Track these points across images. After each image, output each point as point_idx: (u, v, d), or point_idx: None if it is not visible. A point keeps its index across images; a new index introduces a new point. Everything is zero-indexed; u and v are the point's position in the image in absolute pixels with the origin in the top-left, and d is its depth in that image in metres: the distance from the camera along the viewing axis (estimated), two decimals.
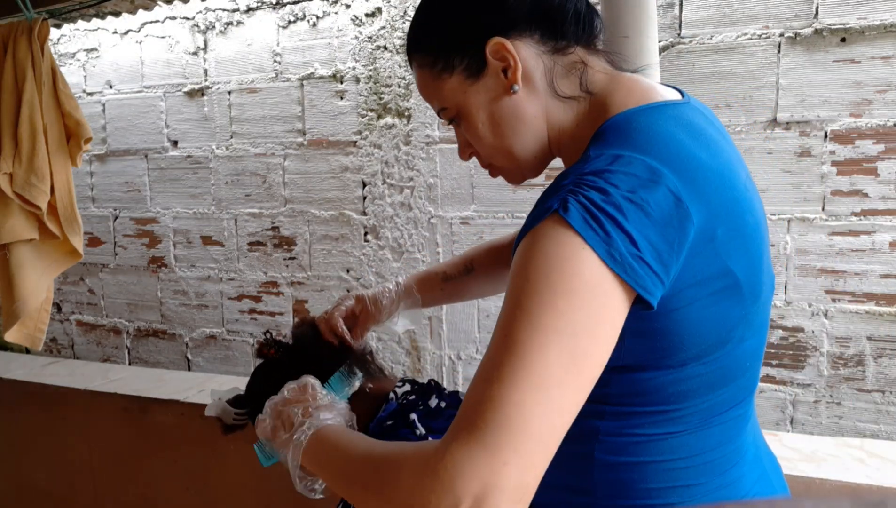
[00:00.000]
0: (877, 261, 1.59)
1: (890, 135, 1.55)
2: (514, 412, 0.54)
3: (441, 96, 0.76)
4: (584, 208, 0.59)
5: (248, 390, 1.07)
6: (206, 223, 2.38)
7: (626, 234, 0.58)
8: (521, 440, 0.54)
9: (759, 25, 1.63)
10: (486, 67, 0.72)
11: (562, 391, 0.56)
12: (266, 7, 2.17)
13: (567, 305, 0.57)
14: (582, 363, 0.57)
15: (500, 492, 0.53)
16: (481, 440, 0.54)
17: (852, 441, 1.33)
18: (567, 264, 0.58)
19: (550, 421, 0.56)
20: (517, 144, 0.75)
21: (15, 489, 2.11)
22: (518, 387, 0.55)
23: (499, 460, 0.53)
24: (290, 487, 0.80)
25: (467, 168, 1.98)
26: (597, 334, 0.58)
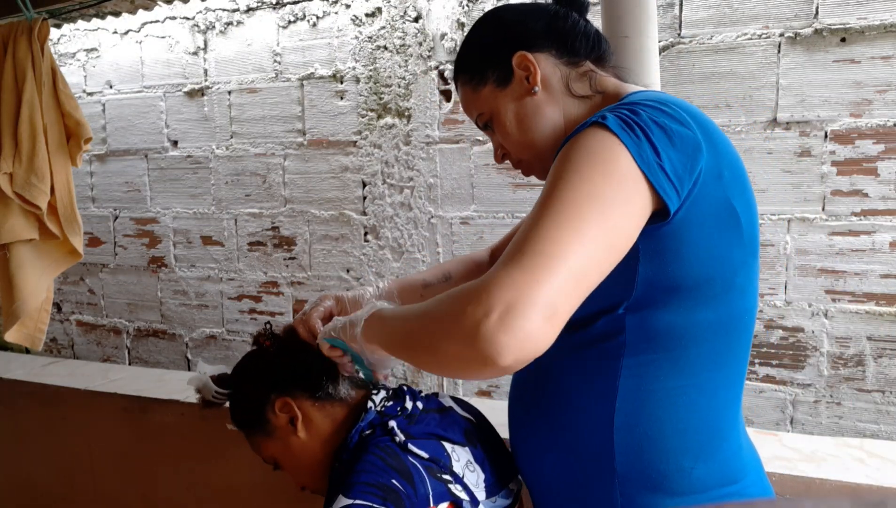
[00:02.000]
0: (877, 261, 1.59)
1: (890, 135, 1.55)
2: (551, 245, 0.61)
3: (478, 104, 0.91)
4: (620, 119, 0.69)
5: (234, 372, 1.07)
6: (206, 223, 2.38)
7: (652, 145, 0.67)
8: (555, 265, 0.60)
9: (759, 25, 1.63)
10: (513, 76, 0.86)
11: (595, 243, 0.63)
12: (266, 7, 2.17)
13: (604, 181, 0.65)
14: (613, 227, 0.64)
15: (530, 304, 0.58)
16: (519, 262, 0.61)
17: (852, 441, 1.33)
18: (605, 153, 0.67)
19: (583, 262, 0.62)
20: (538, 136, 0.87)
21: (15, 489, 2.11)
22: (558, 227, 0.62)
23: (533, 277, 0.59)
24: (290, 487, 0.79)
25: (467, 168, 1.98)
26: (626, 210, 0.66)
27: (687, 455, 0.74)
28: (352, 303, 1.12)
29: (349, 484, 0.83)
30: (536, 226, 0.63)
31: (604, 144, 0.67)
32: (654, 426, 0.75)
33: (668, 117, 0.71)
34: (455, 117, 1.97)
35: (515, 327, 0.57)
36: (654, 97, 0.76)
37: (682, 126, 0.71)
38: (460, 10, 1.92)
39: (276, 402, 0.99)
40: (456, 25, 1.93)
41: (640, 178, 0.66)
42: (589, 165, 0.66)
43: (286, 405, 0.99)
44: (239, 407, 1.05)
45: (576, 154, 0.68)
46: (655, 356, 0.74)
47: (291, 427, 0.99)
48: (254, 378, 1.03)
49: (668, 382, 0.75)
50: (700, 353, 0.75)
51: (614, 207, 0.65)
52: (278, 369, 1.01)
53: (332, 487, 0.89)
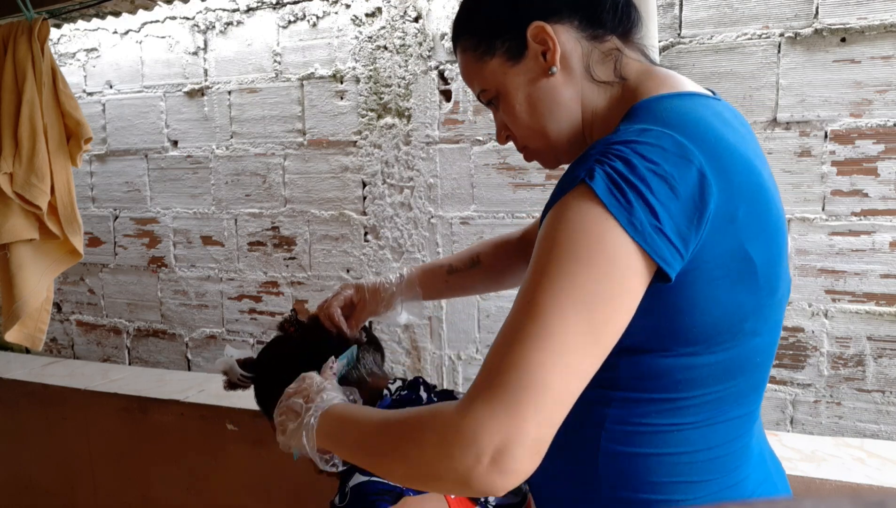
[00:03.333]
0: (877, 261, 1.59)
1: (890, 135, 1.55)
2: (534, 374, 0.57)
3: (482, 78, 0.78)
4: (609, 177, 0.61)
5: (259, 357, 1.11)
6: (206, 223, 2.38)
7: (648, 205, 0.60)
8: (540, 399, 0.57)
9: (759, 25, 1.63)
10: (527, 50, 0.75)
11: (579, 356, 0.59)
12: (266, 7, 2.17)
13: (588, 275, 0.59)
14: (600, 332, 0.60)
15: (519, 446, 0.56)
16: (502, 398, 0.57)
17: (852, 441, 1.33)
18: (590, 234, 0.60)
19: (568, 383, 0.59)
20: (552, 125, 0.77)
21: (15, 488, 2.11)
22: (538, 350, 0.57)
23: (519, 416, 0.56)
24: (290, 487, 0.80)
25: (467, 168, 1.98)
26: (616, 303, 0.60)
27: (678, 489, 0.70)
28: (371, 292, 1.10)
29: None
30: (517, 347, 0.58)
31: (588, 221, 0.60)
32: (641, 458, 0.70)
33: (670, 159, 0.62)
34: (455, 117, 1.97)
35: (507, 469, 0.56)
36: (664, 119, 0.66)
37: (688, 166, 0.62)
38: None
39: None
40: None
41: (634, 251, 0.60)
42: (571, 255, 0.60)
43: None
44: (263, 392, 1.08)
45: (558, 237, 0.61)
46: (650, 396, 0.69)
47: None
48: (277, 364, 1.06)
49: (659, 419, 0.70)
50: (700, 395, 0.69)
51: (602, 305, 0.59)
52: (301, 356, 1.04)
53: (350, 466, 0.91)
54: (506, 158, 1.92)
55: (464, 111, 1.96)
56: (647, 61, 0.79)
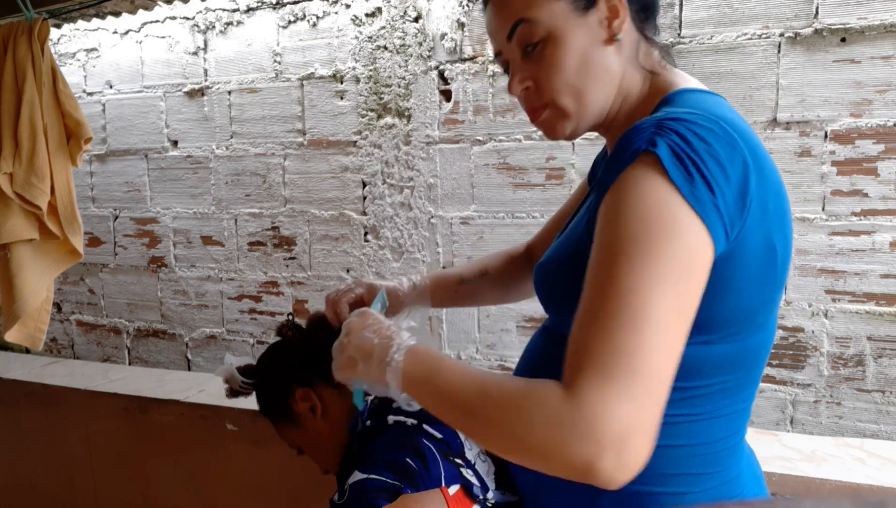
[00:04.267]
0: (877, 261, 1.59)
1: (890, 135, 1.55)
2: (641, 357, 0.56)
3: (537, 9, 0.73)
4: (671, 148, 0.61)
5: (259, 363, 1.11)
6: (206, 223, 2.38)
7: (707, 183, 0.61)
8: (651, 383, 0.57)
9: (759, 25, 1.63)
10: (594, 7, 0.73)
11: (674, 334, 0.59)
12: (266, 7, 2.17)
13: (666, 250, 0.59)
14: (686, 306, 0.60)
15: (640, 434, 0.56)
16: (615, 387, 0.56)
17: (852, 441, 1.33)
18: (661, 208, 0.60)
19: (669, 362, 0.59)
20: (592, 90, 0.75)
21: (15, 488, 2.11)
22: (639, 332, 0.57)
23: (635, 405, 0.56)
24: (290, 487, 0.80)
25: (467, 168, 1.98)
26: (695, 277, 0.61)
27: (683, 482, 0.71)
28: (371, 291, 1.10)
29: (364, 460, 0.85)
30: (617, 330, 0.57)
31: (656, 194, 0.60)
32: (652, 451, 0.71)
33: (721, 142, 0.63)
34: (455, 117, 1.97)
35: (630, 460, 0.56)
36: (704, 109, 0.68)
37: (735, 151, 0.63)
38: (460, 10, 1.92)
39: (298, 392, 1.02)
40: (456, 25, 1.93)
41: (699, 224, 0.60)
42: (646, 230, 0.59)
43: (307, 395, 1.02)
44: (264, 397, 1.09)
45: (629, 213, 0.60)
46: None
47: (312, 415, 1.03)
48: (277, 369, 1.07)
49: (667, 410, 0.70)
50: (705, 385, 0.70)
51: (685, 280, 0.59)
52: (300, 359, 1.04)
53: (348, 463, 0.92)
54: (506, 158, 1.92)
55: (464, 111, 1.96)
56: (666, 62, 0.82)
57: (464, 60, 1.94)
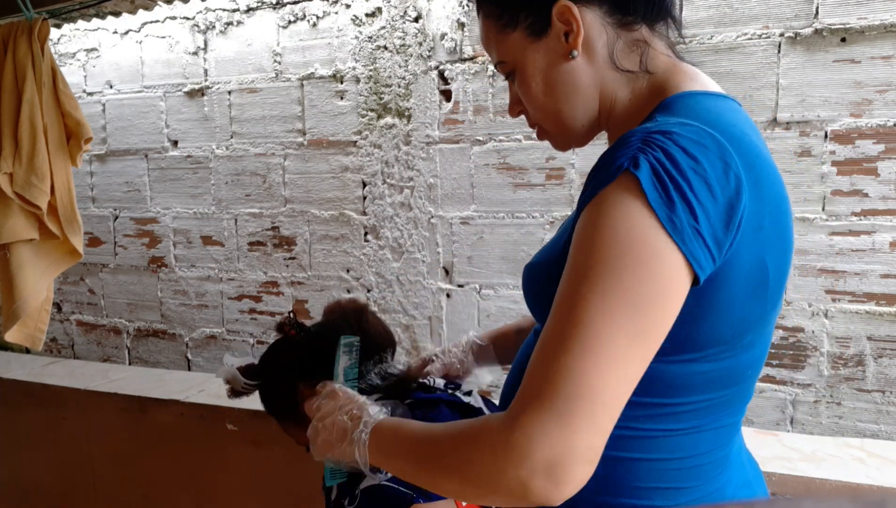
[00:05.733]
0: (877, 261, 1.59)
1: (890, 135, 1.55)
2: (584, 383, 0.56)
3: (501, 49, 0.76)
4: (653, 168, 0.59)
5: (261, 363, 1.10)
6: (206, 223, 2.38)
7: (688, 203, 0.58)
8: (590, 408, 0.56)
9: (759, 25, 1.63)
10: (550, 28, 0.72)
11: (628, 362, 0.58)
12: (266, 7, 2.17)
13: (634, 277, 0.58)
14: (648, 335, 0.59)
15: (572, 457, 0.56)
16: (552, 409, 0.56)
17: (852, 441, 1.33)
18: (633, 233, 0.58)
19: (617, 390, 0.58)
20: (567, 110, 0.75)
21: (15, 488, 2.11)
22: (586, 357, 0.56)
23: (570, 428, 0.56)
24: (290, 487, 0.80)
25: (467, 168, 1.98)
26: (663, 306, 0.59)
27: (659, 495, 0.70)
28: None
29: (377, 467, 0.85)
30: (564, 354, 0.57)
31: (631, 219, 0.58)
32: (628, 463, 0.70)
33: (711, 158, 0.60)
34: (455, 117, 1.97)
35: (562, 480, 0.56)
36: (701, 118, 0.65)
37: (727, 168, 0.60)
38: (460, 10, 1.92)
39: (303, 392, 1.01)
40: (456, 25, 1.93)
41: (675, 251, 0.58)
42: (615, 256, 0.58)
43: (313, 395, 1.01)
44: (269, 397, 1.08)
45: (600, 236, 0.59)
46: (643, 400, 0.67)
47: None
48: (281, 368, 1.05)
49: (650, 424, 0.69)
50: (693, 402, 0.69)
51: (649, 308, 0.58)
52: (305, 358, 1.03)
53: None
54: (506, 158, 1.92)
55: (464, 111, 1.96)
56: (674, 55, 0.78)
57: (464, 60, 1.94)
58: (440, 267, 2.04)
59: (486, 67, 1.91)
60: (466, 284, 2.02)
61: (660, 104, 0.71)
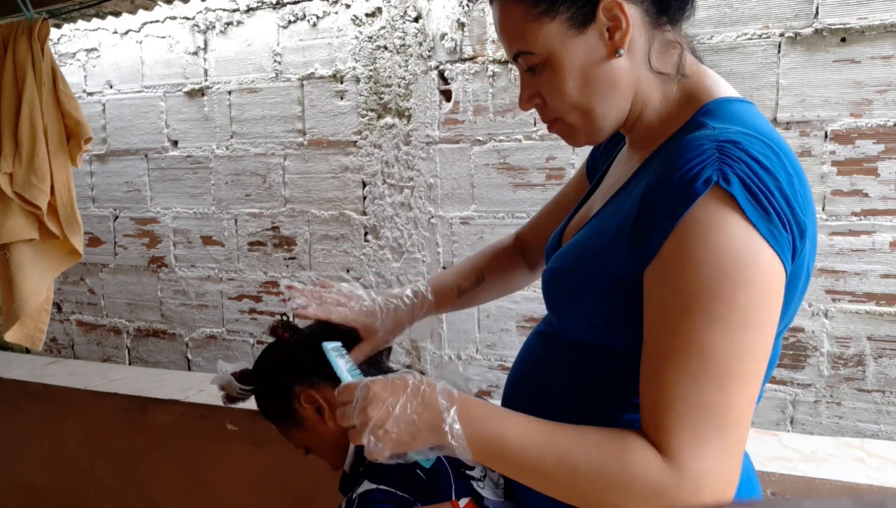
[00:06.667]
0: (877, 261, 1.59)
1: (890, 135, 1.55)
2: (729, 414, 0.57)
3: (532, 39, 0.69)
4: (743, 182, 0.58)
5: (256, 367, 1.09)
6: (206, 223, 2.38)
7: (779, 215, 0.59)
8: (740, 434, 0.58)
9: (759, 25, 1.63)
10: (593, 22, 0.68)
11: (757, 378, 0.60)
12: (266, 7, 2.17)
13: (749, 297, 0.57)
14: (766, 348, 0.60)
15: (733, 486, 0.58)
16: (711, 449, 0.57)
17: (852, 441, 1.33)
18: (742, 253, 0.58)
19: (751, 407, 0.60)
20: (601, 109, 0.72)
21: (15, 489, 2.11)
22: (725, 388, 0.57)
23: (729, 460, 0.58)
24: (290, 487, 0.80)
25: (467, 168, 1.98)
26: (773, 318, 0.60)
27: None
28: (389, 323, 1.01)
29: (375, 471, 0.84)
30: (708, 392, 0.57)
31: (738, 239, 0.57)
32: None
33: (779, 168, 0.60)
34: (455, 117, 1.97)
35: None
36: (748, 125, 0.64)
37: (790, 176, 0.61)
38: (460, 10, 1.92)
39: (302, 395, 1.01)
40: (456, 25, 1.93)
41: (777, 262, 0.59)
42: (725, 280, 0.57)
43: (311, 397, 1.00)
44: (265, 402, 1.07)
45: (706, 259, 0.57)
46: None
47: (319, 416, 1.01)
48: (277, 372, 1.04)
49: None
50: None
51: (766, 325, 0.59)
52: (300, 361, 1.02)
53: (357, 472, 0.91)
54: (506, 158, 1.92)
55: (464, 111, 1.96)
56: (694, 56, 0.77)
57: (464, 60, 1.94)
58: (440, 267, 2.04)
59: (487, 67, 1.91)
60: None
61: (702, 109, 0.70)
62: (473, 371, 2.04)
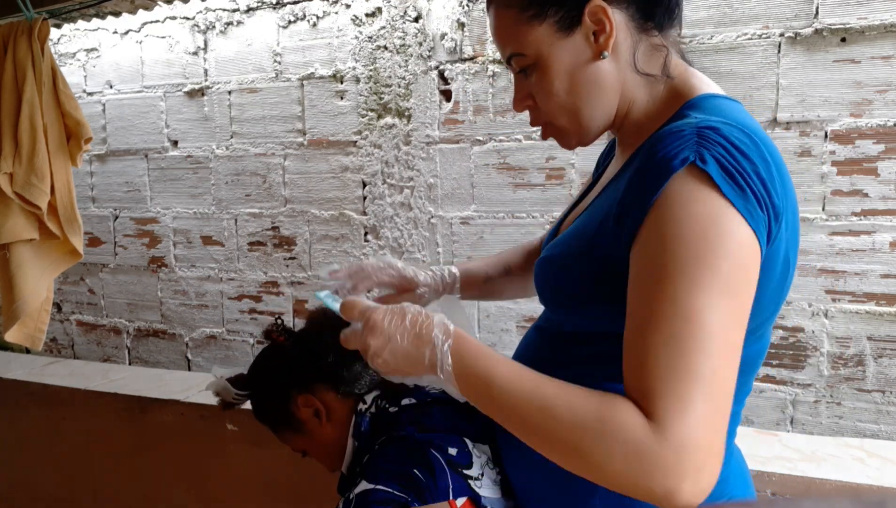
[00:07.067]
0: (877, 261, 1.59)
1: (890, 135, 1.55)
2: (715, 382, 0.57)
3: (523, 42, 0.73)
4: (719, 162, 0.60)
5: (251, 372, 1.08)
6: (206, 223, 2.38)
7: (755, 195, 0.61)
8: (724, 404, 0.57)
9: (759, 25, 1.63)
10: (579, 25, 0.71)
11: (737, 347, 0.60)
12: (266, 7, 2.17)
13: (729, 267, 0.59)
14: (745, 315, 0.61)
15: (716, 458, 0.57)
16: (696, 415, 0.56)
17: (852, 441, 1.33)
18: (719, 224, 0.60)
19: (734, 377, 0.60)
20: (587, 110, 0.74)
21: (15, 489, 2.11)
22: (710, 354, 0.57)
23: (713, 430, 0.57)
24: (290, 487, 0.79)
25: (467, 168, 1.98)
26: (751, 290, 0.61)
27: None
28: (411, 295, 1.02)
29: (372, 471, 0.84)
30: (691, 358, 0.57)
31: (713, 210, 0.60)
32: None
33: (755, 153, 0.62)
34: (455, 117, 1.97)
35: (706, 486, 0.56)
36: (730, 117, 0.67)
37: (767, 162, 0.63)
38: (460, 10, 1.92)
39: (299, 398, 1.00)
40: (456, 25, 1.93)
41: (752, 238, 0.60)
42: (708, 249, 0.59)
43: (309, 401, 1.00)
44: (262, 407, 1.06)
45: (688, 229, 0.59)
46: None
47: (317, 420, 1.01)
48: (273, 377, 1.04)
49: None
50: None
51: (745, 294, 0.60)
52: (296, 364, 1.02)
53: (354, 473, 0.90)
54: (506, 158, 1.92)
55: (464, 111, 1.96)
56: (684, 60, 0.79)
57: (464, 60, 1.94)
58: None
59: (487, 67, 1.91)
60: None
61: (687, 103, 0.73)
62: None
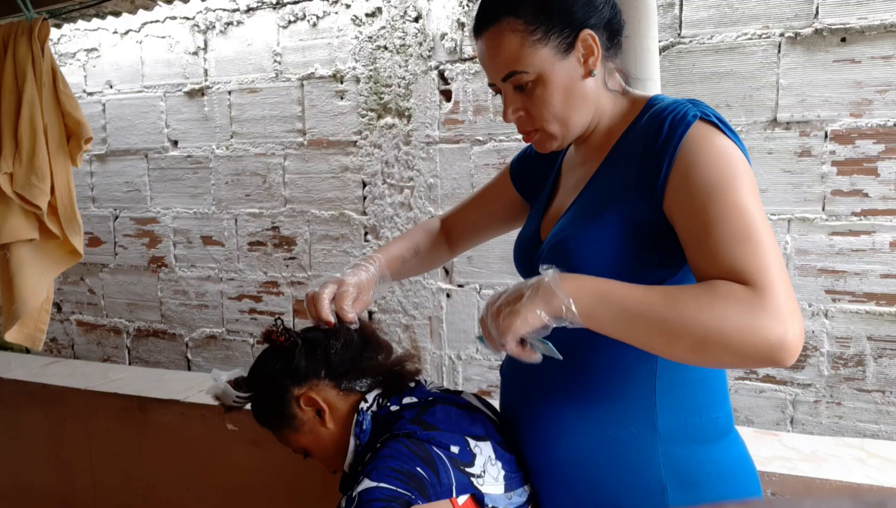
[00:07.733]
0: (877, 261, 1.59)
1: (890, 135, 1.55)
2: (779, 256, 0.74)
3: (528, 61, 0.85)
4: (714, 115, 0.79)
5: (252, 374, 1.07)
6: (206, 223, 2.38)
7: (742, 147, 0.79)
8: (786, 272, 0.74)
9: (760, 25, 1.63)
10: (573, 49, 0.86)
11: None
12: (266, 7, 2.17)
13: (749, 178, 0.76)
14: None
15: (799, 310, 0.72)
16: (780, 278, 0.72)
17: (852, 441, 1.33)
18: (734, 152, 0.77)
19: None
20: (576, 118, 0.89)
21: (15, 488, 2.11)
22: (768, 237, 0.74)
23: (792, 290, 0.73)
24: (290, 486, 0.79)
25: (467, 168, 1.97)
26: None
27: (714, 407, 0.85)
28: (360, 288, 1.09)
29: (375, 469, 0.84)
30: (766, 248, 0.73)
31: (730, 146, 0.77)
32: (689, 385, 0.84)
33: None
34: (455, 117, 1.97)
35: (800, 339, 0.70)
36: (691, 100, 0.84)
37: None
38: (460, 10, 1.92)
39: (301, 398, 1.00)
40: (456, 25, 1.93)
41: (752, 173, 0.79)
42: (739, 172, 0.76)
43: (311, 400, 1.00)
44: (263, 408, 1.06)
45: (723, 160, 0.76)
46: None
47: (319, 419, 1.00)
48: (273, 378, 1.03)
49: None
50: None
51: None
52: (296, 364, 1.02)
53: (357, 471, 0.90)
54: (506, 158, 1.92)
55: (464, 111, 1.96)
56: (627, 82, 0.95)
57: (464, 60, 1.94)
58: (441, 267, 2.04)
59: None
60: (466, 283, 2.02)
61: (649, 102, 0.89)
62: (473, 371, 2.04)
